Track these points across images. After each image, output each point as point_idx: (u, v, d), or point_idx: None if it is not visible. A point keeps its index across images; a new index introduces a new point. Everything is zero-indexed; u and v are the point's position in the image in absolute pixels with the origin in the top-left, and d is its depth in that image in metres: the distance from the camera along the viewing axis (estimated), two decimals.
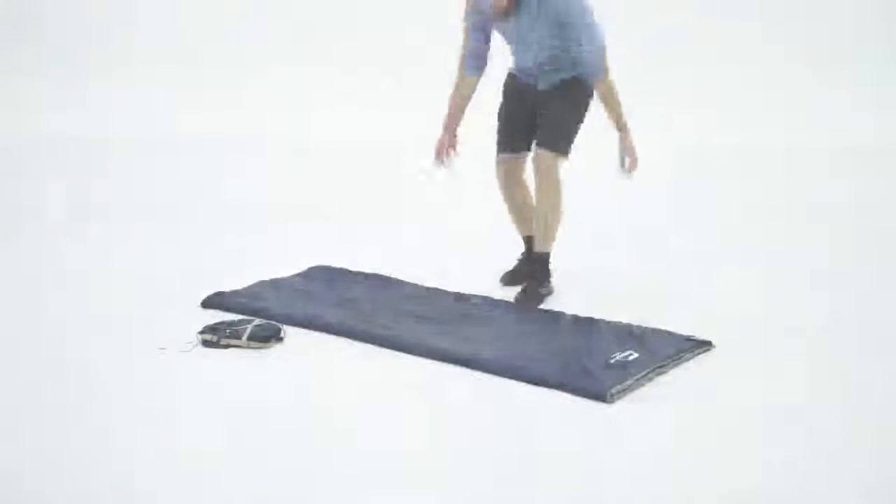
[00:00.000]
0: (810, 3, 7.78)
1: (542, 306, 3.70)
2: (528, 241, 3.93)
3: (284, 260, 4.11)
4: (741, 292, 3.87)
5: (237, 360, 3.17)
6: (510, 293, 3.80)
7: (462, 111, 3.84)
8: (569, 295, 3.78)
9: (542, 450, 2.60)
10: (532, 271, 3.82)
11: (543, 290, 3.78)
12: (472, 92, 3.82)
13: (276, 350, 3.26)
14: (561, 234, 3.80)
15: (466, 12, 3.74)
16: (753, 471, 2.48)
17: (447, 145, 3.84)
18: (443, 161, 3.86)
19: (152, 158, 6.77)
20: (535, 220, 3.79)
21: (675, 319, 3.48)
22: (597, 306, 3.62)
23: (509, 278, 3.95)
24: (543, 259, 3.80)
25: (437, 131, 3.86)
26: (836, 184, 5.99)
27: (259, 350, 3.25)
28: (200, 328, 3.32)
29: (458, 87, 3.82)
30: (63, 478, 2.42)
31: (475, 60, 3.78)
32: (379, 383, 3.04)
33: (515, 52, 3.79)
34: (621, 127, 3.68)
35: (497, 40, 3.79)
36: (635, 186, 4.17)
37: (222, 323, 3.33)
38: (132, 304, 3.71)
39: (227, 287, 3.74)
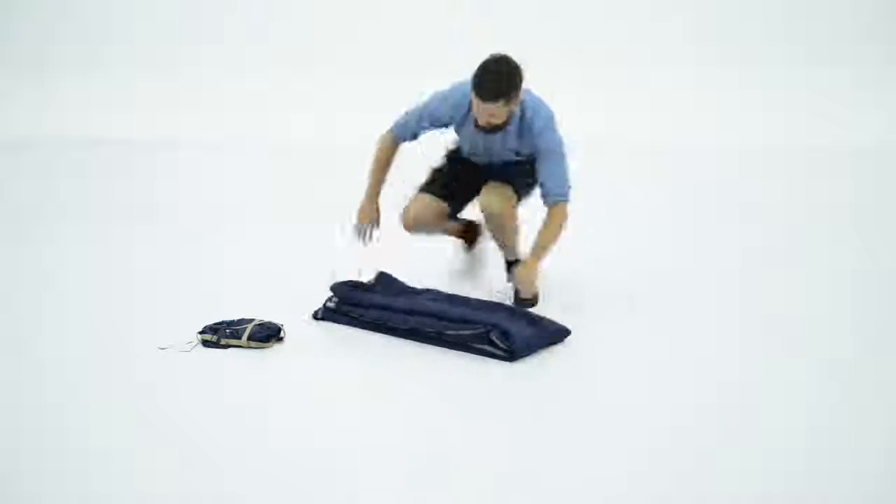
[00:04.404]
0: (810, 3, 7.79)
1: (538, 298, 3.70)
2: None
3: (287, 260, 4.11)
4: (740, 293, 3.88)
5: (237, 360, 3.17)
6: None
7: (385, 176, 3.69)
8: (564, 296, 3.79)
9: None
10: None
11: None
12: (394, 156, 3.68)
13: (276, 350, 3.27)
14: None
15: (432, 108, 3.57)
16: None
17: (371, 221, 3.71)
18: (364, 238, 3.74)
19: (152, 160, 6.78)
20: (493, 238, 3.78)
21: (680, 320, 3.48)
22: (589, 303, 3.63)
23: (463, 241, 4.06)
24: (517, 261, 3.82)
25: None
26: (836, 184, 5.99)
27: (259, 350, 3.25)
28: (200, 328, 3.32)
29: (383, 150, 3.66)
30: (62, 478, 2.43)
31: (407, 133, 3.64)
32: (380, 382, 3.05)
33: (471, 151, 3.70)
34: (535, 253, 3.51)
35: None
36: (634, 186, 4.16)
37: (222, 323, 3.33)
38: (132, 304, 3.71)
39: (227, 287, 3.73)
